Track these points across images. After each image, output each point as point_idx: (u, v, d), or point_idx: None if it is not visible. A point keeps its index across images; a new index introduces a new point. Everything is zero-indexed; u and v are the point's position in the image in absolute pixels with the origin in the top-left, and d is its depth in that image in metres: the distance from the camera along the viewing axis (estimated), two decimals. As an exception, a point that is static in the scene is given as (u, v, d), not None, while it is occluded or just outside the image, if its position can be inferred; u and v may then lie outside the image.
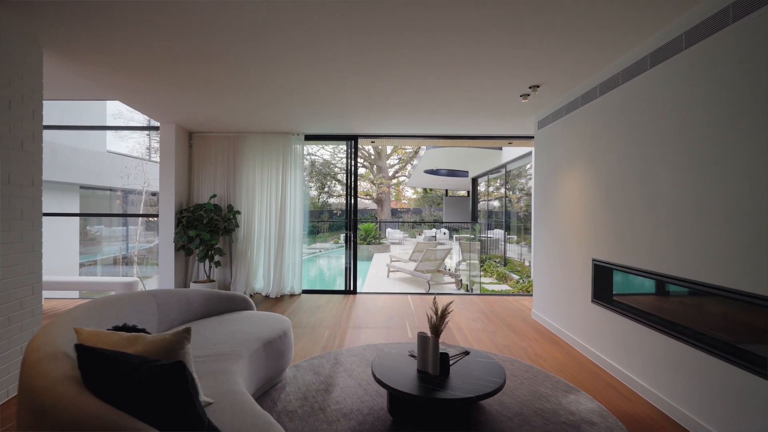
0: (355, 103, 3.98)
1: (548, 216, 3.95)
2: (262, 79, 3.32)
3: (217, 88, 3.60)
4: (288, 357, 2.63)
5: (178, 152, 4.99)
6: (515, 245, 9.09)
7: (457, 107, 4.05)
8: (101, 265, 10.81)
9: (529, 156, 7.29)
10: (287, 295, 5.34)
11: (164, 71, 3.22)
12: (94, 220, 10.85)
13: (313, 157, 27.81)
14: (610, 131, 2.89)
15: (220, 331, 2.43)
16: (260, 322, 2.64)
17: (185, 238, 4.78)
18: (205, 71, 3.19)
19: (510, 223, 9.07)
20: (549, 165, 3.94)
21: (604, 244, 2.93)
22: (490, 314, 4.43)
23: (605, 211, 2.92)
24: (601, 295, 3.02)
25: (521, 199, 9.32)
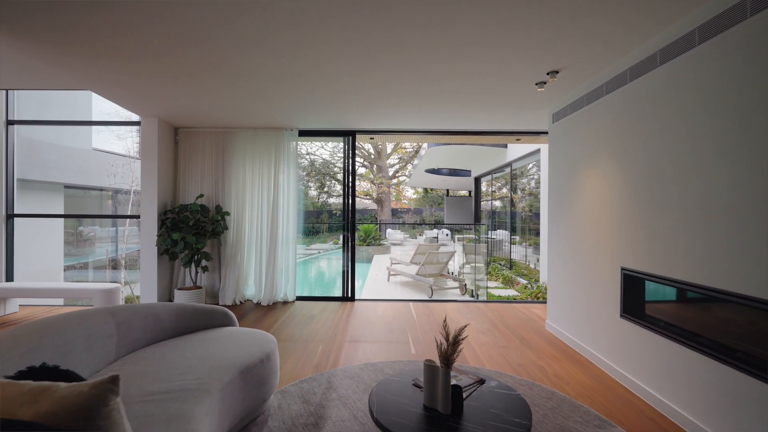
0: (351, 93, 3.60)
1: (565, 218, 3.57)
2: (246, 66, 2.95)
3: (199, 77, 3.23)
4: (272, 383, 2.26)
5: (161, 148, 4.62)
6: (518, 246, 8.72)
7: (464, 98, 3.67)
8: (93, 269, 10.43)
9: (536, 154, 6.92)
10: (280, 303, 4.97)
11: (139, 58, 2.86)
12: (87, 220, 10.47)
13: (313, 156, 27.50)
14: (645, 121, 2.51)
15: (189, 356, 2.05)
16: (240, 343, 2.27)
17: (169, 242, 4.41)
18: (183, 58, 2.82)
19: (515, 224, 8.69)
20: (566, 162, 3.56)
21: (636, 251, 2.55)
22: (500, 325, 4.06)
23: (639, 214, 2.54)
24: (631, 309, 2.64)
25: (524, 199, 9.01)
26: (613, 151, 2.83)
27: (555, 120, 3.78)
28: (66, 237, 11.13)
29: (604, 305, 2.90)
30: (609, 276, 2.85)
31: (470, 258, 8.14)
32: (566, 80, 3.15)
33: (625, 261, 2.67)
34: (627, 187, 2.66)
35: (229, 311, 2.68)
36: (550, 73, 2.97)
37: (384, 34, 2.45)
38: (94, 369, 1.91)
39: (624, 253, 2.68)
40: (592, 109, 3.11)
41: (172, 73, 3.16)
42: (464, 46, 2.58)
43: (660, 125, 2.36)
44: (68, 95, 6.45)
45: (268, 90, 3.54)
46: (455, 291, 6.92)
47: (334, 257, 13.65)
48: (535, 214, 8.31)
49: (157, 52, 2.76)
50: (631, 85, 2.63)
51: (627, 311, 2.67)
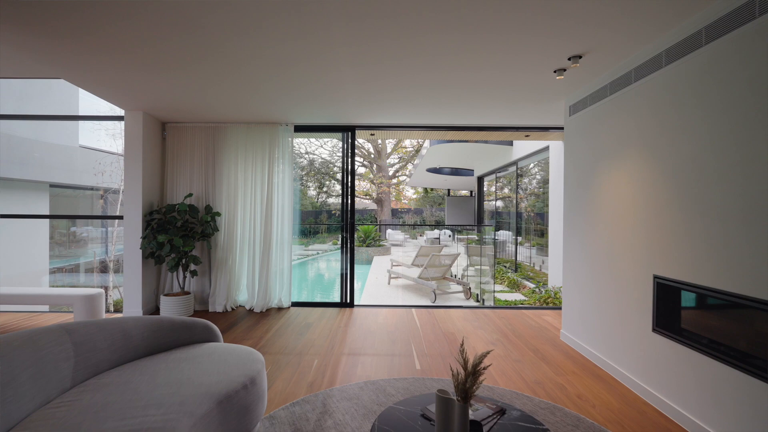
0: (351, 85, 3.30)
1: (584, 220, 3.27)
2: (238, 54, 2.65)
3: (187, 67, 2.93)
4: (257, 411, 1.95)
5: (146, 144, 4.31)
6: (522, 247, 8.42)
7: (474, 88, 3.37)
8: (84, 272, 10.09)
9: (544, 151, 6.62)
10: (274, 309, 4.66)
11: (119, 45, 2.56)
12: (81, 221, 10.13)
13: (312, 156, 27.25)
14: (685, 111, 2.21)
15: (160, 381, 1.75)
16: (221, 364, 1.97)
17: (154, 245, 4.10)
18: (169, 45, 2.52)
19: (521, 224, 8.39)
20: (584, 158, 3.26)
21: (674, 257, 2.25)
22: (510, 335, 3.75)
23: (678, 215, 2.24)
24: (667, 323, 2.34)
25: (527, 198, 8.76)
26: (644, 144, 2.53)
27: (572, 113, 3.48)
28: (58, 238, 10.83)
29: (633, 317, 2.60)
30: (638, 285, 2.54)
31: (474, 260, 7.84)
32: (589, 67, 2.85)
33: (659, 268, 2.36)
34: (663, 185, 2.36)
35: (211, 325, 2.37)
36: (572, 57, 2.67)
37: (387, 19, 2.15)
38: (44, 400, 1.61)
39: (658, 260, 2.38)
40: (618, 99, 2.80)
41: (156, 61, 2.86)
42: (475, 33, 2.28)
43: (706, 114, 2.05)
44: (52, 89, 6.13)
45: (262, 81, 3.24)
46: (459, 295, 6.62)
47: (333, 258, 13.35)
48: (538, 214, 8.03)
49: (140, 38, 2.46)
50: (667, 70, 2.33)
51: (661, 325, 2.37)
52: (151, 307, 4.41)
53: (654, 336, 2.41)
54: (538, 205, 8.02)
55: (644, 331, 2.48)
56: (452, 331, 3.87)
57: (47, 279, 6.49)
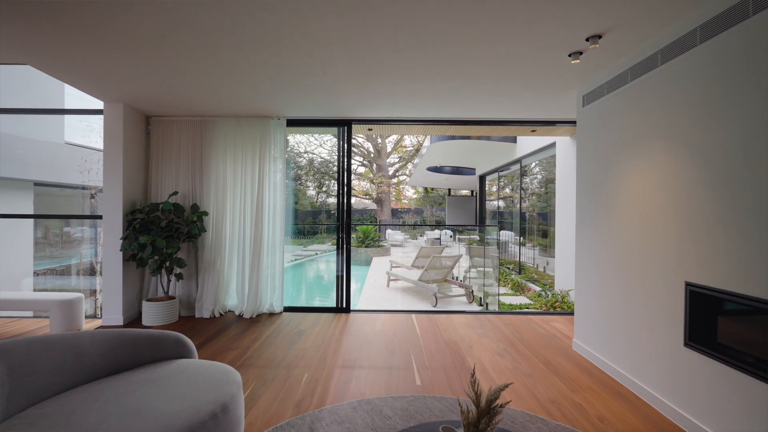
0: (344, 67, 3.01)
1: (600, 219, 2.98)
2: (213, 31, 2.36)
3: (170, 54, 2.66)
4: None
5: (128, 139, 4.03)
6: (523, 248, 8.14)
7: (477, 78, 3.09)
8: (75, 274, 9.80)
9: (551, 148, 6.33)
10: (265, 314, 4.38)
11: (93, 26, 2.28)
12: (75, 221, 9.83)
13: (312, 155, 27.01)
14: (728, 94, 1.92)
15: (111, 410, 1.47)
16: (190, 387, 1.69)
17: (135, 246, 3.82)
18: (148, 27, 2.24)
19: (525, 224, 8.10)
20: (601, 152, 2.97)
21: (709, 262, 1.97)
22: (518, 343, 3.47)
23: (713, 214, 1.96)
24: (702, 337, 2.05)
25: (528, 198, 8.52)
26: (675, 134, 2.24)
27: (586, 103, 3.20)
28: (52, 238, 10.53)
29: (660, 329, 2.32)
30: (667, 292, 2.26)
31: (476, 261, 7.55)
32: (608, 49, 2.56)
33: (692, 274, 2.08)
34: (697, 180, 2.07)
35: (183, 338, 2.09)
36: (591, 38, 2.38)
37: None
38: (-36, 437, 1.33)
39: (690, 265, 2.09)
40: (641, 85, 2.52)
41: (136, 47, 2.59)
42: (483, 4, 2.00)
43: (749, 98, 1.77)
44: (35, 82, 5.84)
45: (250, 69, 2.96)
46: (461, 299, 6.33)
47: (332, 259, 13.07)
48: (540, 214, 7.76)
49: (111, 19, 2.19)
50: (702, 50, 2.04)
51: (694, 339, 2.08)
52: (133, 313, 4.13)
53: (686, 351, 2.12)
54: (540, 204, 7.74)
55: (674, 344, 2.20)
56: (455, 339, 3.59)
57: (31, 282, 6.20)
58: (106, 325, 3.90)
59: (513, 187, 9.52)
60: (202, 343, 3.44)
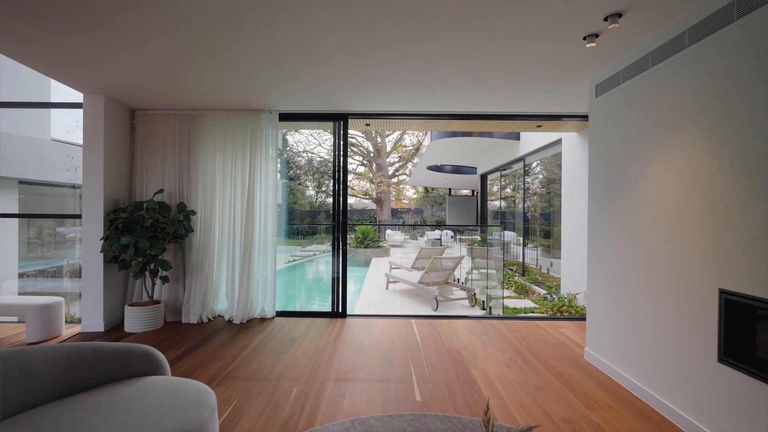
0: (339, 56, 2.78)
1: (617, 220, 2.74)
2: (194, 15, 2.13)
3: (152, 40, 2.41)
4: (199, 480, 1.43)
5: (110, 133, 3.79)
6: (528, 249, 7.90)
7: (483, 66, 2.85)
8: (69, 276, 9.54)
9: (556, 145, 6.09)
10: (257, 320, 4.14)
11: (61, 2, 2.04)
12: (68, 220, 9.57)
13: (311, 154, 26.82)
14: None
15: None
16: (153, 412, 1.46)
17: (117, 247, 3.59)
18: (122, 3, 2.01)
19: (528, 224, 7.86)
20: (618, 146, 2.73)
21: (748, 267, 1.73)
22: (525, 353, 3.23)
23: (753, 213, 1.72)
24: (737, 352, 1.81)
25: (529, 198, 8.32)
26: (707, 126, 2.00)
27: (599, 93, 2.96)
28: (44, 238, 10.29)
29: (689, 341, 2.08)
30: (697, 300, 2.02)
31: (477, 263, 7.31)
32: (627, 30, 2.33)
33: (727, 280, 1.84)
34: (735, 175, 1.83)
35: (153, 352, 1.85)
36: (609, 16, 2.15)
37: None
38: None
39: (725, 270, 1.85)
40: (665, 70, 2.28)
41: (114, 31, 2.35)
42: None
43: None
44: (20, 75, 5.58)
45: (237, 55, 2.72)
46: (463, 302, 6.09)
47: (330, 260, 12.85)
48: (542, 214, 7.53)
49: None
50: (740, 26, 1.80)
51: (730, 353, 1.84)
52: (116, 319, 3.89)
53: (720, 367, 1.88)
54: (542, 204, 7.51)
55: (706, 359, 1.96)
56: (458, 347, 3.35)
57: (15, 284, 5.96)
58: (85, 332, 3.66)
59: (515, 187, 9.28)
60: (186, 351, 3.20)
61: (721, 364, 1.87)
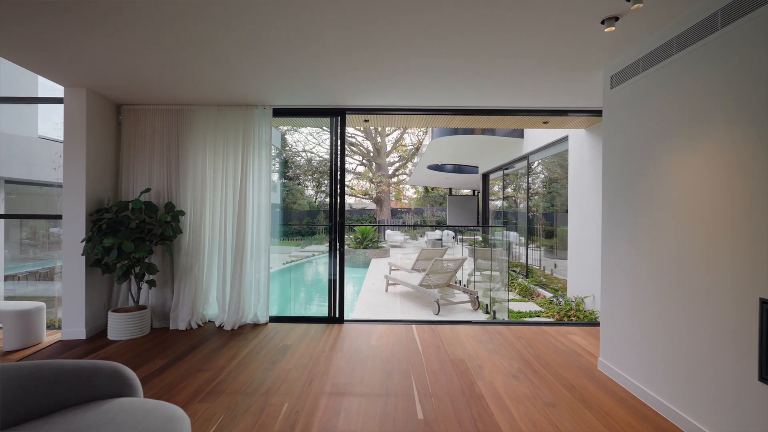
0: (335, 45, 2.56)
1: (636, 221, 2.54)
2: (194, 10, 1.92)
3: (125, 21, 2.20)
4: None
5: (93, 129, 3.58)
6: (523, 248, 7.69)
7: (489, 57, 2.64)
8: (61, 279, 9.33)
9: (562, 143, 5.88)
10: (249, 325, 3.93)
11: None
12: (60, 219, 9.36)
13: (310, 154, 26.64)
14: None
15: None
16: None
17: (99, 250, 3.38)
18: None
19: (533, 225, 7.65)
20: (637, 141, 2.53)
21: (800, 276, 1.52)
22: (534, 362, 3.02)
23: (805, 213, 1.51)
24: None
25: (530, 198, 8.16)
26: (743, 119, 1.79)
27: (615, 84, 2.75)
28: (38, 239, 10.09)
29: (724, 356, 1.86)
30: (734, 311, 1.81)
31: (480, 264, 7.10)
32: (648, 14, 2.12)
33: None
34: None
35: (122, 371, 1.64)
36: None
37: None
38: None
39: (766, 277, 1.64)
40: (693, 56, 2.07)
41: (94, 20, 2.13)
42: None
43: None
44: (3, 69, 5.36)
45: (228, 47, 2.51)
46: (465, 306, 5.88)
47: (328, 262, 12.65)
48: (545, 214, 7.33)
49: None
50: (786, 0, 1.59)
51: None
52: (99, 325, 3.67)
53: (761, 387, 1.67)
54: (545, 204, 7.30)
55: (744, 377, 1.75)
56: (461, 357, 3.13)
57: (1, 287, 5.74)
58: (65, 340, 3.45)
59: (515, 186, 9.08)
60: (171, 361, 2.99)
61: (763, 383, 1.66)
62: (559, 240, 6.68)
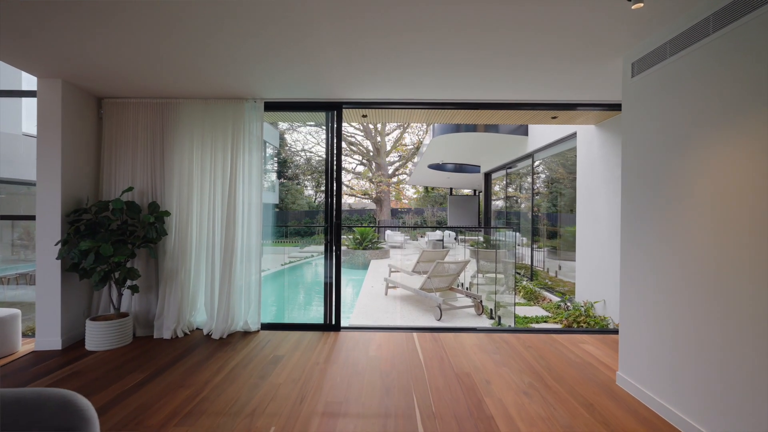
0: (330, 40, 2.32)
1: (664, 221, 2.29)
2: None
3: (104, 7, 1.95)
4: None
5: (70, 123, 3.33)
6: (527, 249, 7.44)
7: (498, 43, 2.39)
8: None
9: (569, 140, 5.63)
10: (239, 333, 3.68)
11: None
12: None
13: (309, 153, 26.41)
14: None
15: None
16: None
17: (76, 254, 3.13)
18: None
19: (537, 225, 7.40)
20: (664, 133, 2.28)
21: None
22: (546, 376, 2.77)
23: None
24: None
25: (537, 197, 7.94)
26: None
27: (636, 72, 2.50)
28: (32, 240, 9.85)
29: (767, 379, 1.62)
30: (785, 328, 1.56)
31: (483, 266, 6.85)
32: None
33: (838, 305, 1.38)
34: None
35: (74, 401, 1.39)
36: (669, -37, 1.69)
37: None
38: None
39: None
40: (733, 36, 1.82)
41: (67, 3, 1.89)
42: None
43: None
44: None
45: (215, 34, 2.26)
46: (468, 310, 5.63)
47: (324, 266, 12.40)
48: (548, 214, 7.09)
49: None
50: None
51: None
52: (77, 335, 3.42)
53: (825, 419, 1.42)
54: (548, 204, 7.06)
55: (802, 407, 1.50)
56: (467, 370, 2.89)
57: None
58: (39, 350, 3.20)
59: (517, 186, 8.83)
60: (150, 376, 2.74)
61: (828, 414, 1.41)
62: (563, 241, 6.44)
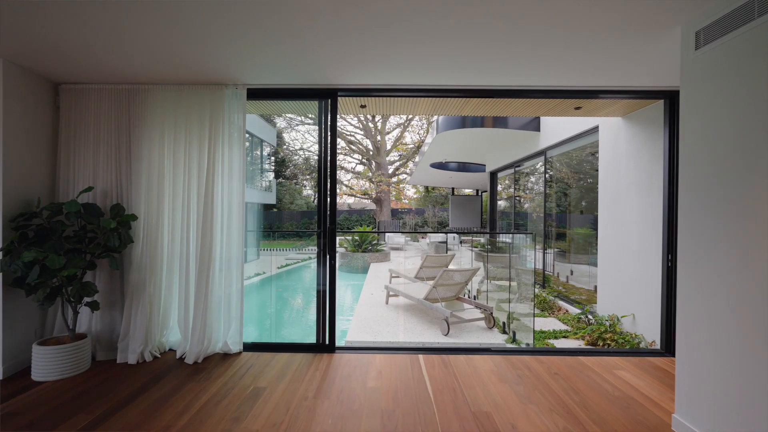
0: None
1: (753, 233, 1.79)
2: None
3: None
4: None
5: (13, 111, 2.83)
6: (541, 254, 6.95)
7: (520, 16, 1.89)
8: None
9: (589, 134, 5.12)
10: (218, 356, 3.18)
11: None
12: None
13: (308, 153, 25.92)
14: None
15: None
16: None
17: (19, 266, 2.62)
18: None
19: (549, 227, 6.89)
20: (746, 120, 1.78)
21: None
22: (584, 418, 2.27)
23: None
24: None
25: (534, 198, 7.60)
26: None
27: (703, 43, 2.00)
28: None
29: None
30: None
31: (492, 272, 6.34)
32: None
33: None
34: None
35: None
36: None
37: None
38: None
39: None
40: None
41: None
42: None
43: None
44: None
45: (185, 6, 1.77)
46: (478, 323, 5.12)
47: (316, 278, 11.91)
48: (558, 215, 6.60)
49: None
50: None
51: None
52: (24, 360, 2.92)
53: None
54: (561, 205, 6.57)
55: None
56: (486, 408, 2.38)
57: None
58: (-24, 381, 2.70)
59: (523, 186, 8.33)
60: (101, 416, 2.23)
61: None
62: (575, 244, 5.95)
